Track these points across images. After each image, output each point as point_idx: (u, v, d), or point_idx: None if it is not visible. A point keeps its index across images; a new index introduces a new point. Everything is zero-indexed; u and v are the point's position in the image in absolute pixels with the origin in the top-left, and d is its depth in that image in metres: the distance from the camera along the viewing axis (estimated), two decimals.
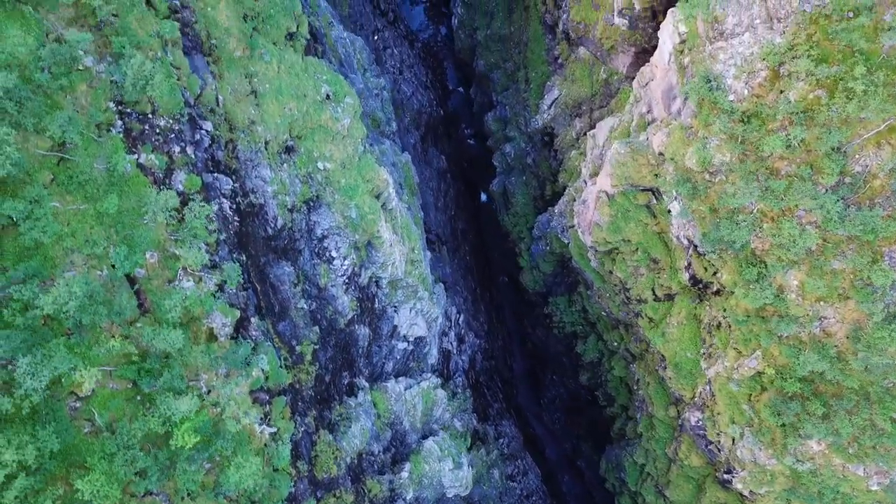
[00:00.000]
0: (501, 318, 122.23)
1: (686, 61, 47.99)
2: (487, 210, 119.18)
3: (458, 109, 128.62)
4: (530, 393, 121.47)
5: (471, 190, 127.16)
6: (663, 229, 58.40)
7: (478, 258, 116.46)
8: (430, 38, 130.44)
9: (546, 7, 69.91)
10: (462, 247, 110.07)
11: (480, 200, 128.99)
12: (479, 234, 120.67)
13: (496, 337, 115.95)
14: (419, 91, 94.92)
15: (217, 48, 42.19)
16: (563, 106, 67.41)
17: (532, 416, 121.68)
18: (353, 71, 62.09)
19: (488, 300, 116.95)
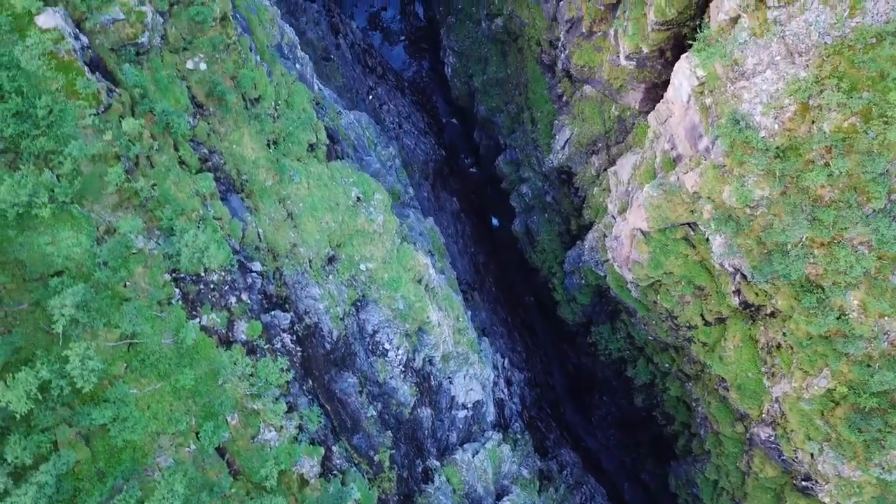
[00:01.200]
0: (535, 338, 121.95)
1: (708, 101, 47.66)
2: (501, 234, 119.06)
3: (455, 141, 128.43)
4: (577, 409, 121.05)
5: (481, 216, 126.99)
6: (704, 257, 58.02)
7: (501, 285, 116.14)
8: (414, 75, 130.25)
9: (541, 48, 69.58)
10: (486, 279, 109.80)
11: (492, 226, 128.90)
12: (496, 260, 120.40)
13: (534, 360, 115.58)
14: (420, 140, 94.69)
15: (248, 182, 41.96)
16: (577, 145, 67.11)
17: (582, 431, 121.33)
18: (367, 152, 61.84)
19: (520, 324, 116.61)
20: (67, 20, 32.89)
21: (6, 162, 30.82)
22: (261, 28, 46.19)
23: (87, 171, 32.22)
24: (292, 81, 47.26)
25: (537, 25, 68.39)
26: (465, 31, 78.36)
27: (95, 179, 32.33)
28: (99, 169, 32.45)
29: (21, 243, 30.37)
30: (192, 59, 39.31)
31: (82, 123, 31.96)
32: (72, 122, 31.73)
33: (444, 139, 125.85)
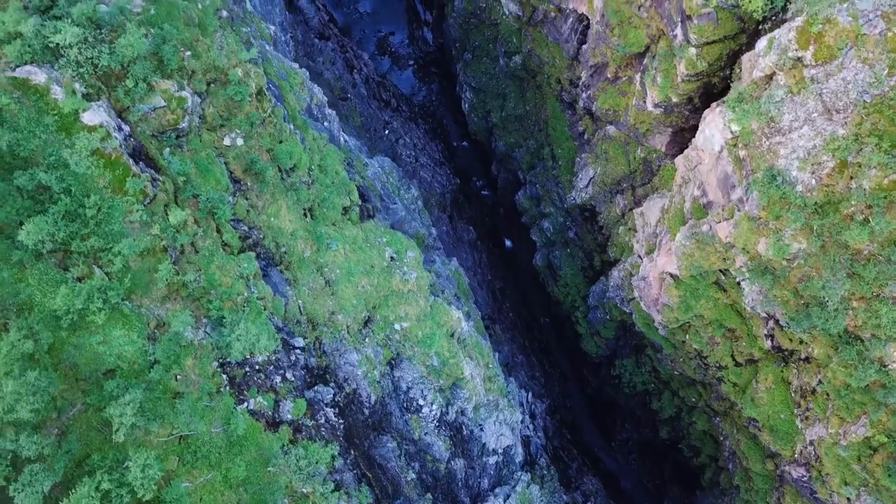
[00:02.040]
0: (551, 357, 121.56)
1: (742, 154, 47.40)
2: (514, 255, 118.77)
3: (466, 164, 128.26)
4: (596, 430, 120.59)
5: (495, 239, 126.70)
6: (735, 301, 57.73)
7: (518, 309, 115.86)
8: (424, 99, 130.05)
9: (561, 86, 69.35)
10: (503, 305, 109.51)
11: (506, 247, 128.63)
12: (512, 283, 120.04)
13: (552, 383, 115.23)
14: (437, 172, 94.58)
15: (287, 254, 41.78)
16: (601, 184, 66.87)
17: (601, 451, 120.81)
18: (393, 200, 61.68)
19: (537, 348, 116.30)
20: (111, 113, 32.77)
21: (56, 262, 30.67)
22: (291, 94, 46.05)
23: (135, 266, 32.04)
24: (324, 144, 47.12)
25: (557, 64, 68.22)
26: (483, 68, 78.20)
27: (144, 274, 32.15)
28: (147, 263, 32.28)
29: (74, 345, 30.19)
30: (229, 136, 39.19)
31: (130, 219, 31.80)
32: (119, 217, 31.59)
33: (456, 163, 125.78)
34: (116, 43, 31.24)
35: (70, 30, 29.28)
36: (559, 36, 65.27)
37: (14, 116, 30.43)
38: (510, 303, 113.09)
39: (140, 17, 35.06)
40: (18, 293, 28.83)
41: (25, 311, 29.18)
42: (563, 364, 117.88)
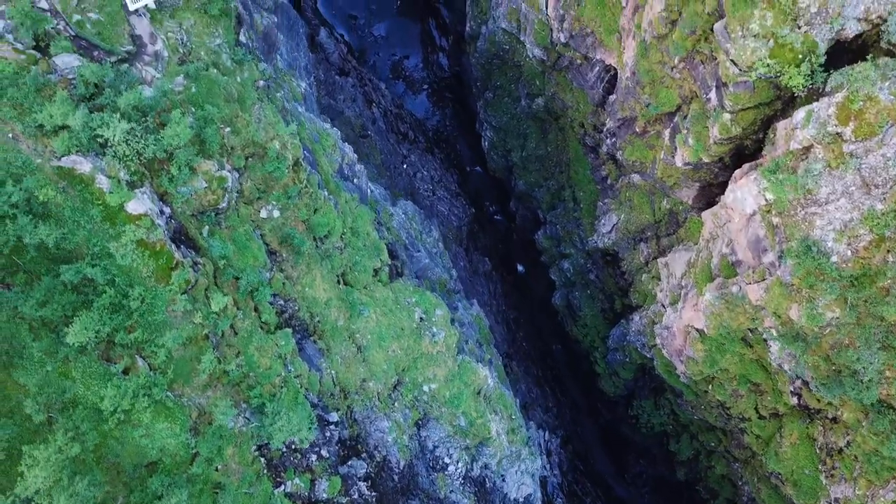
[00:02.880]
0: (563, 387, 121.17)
1: (776, 221, 47.05)
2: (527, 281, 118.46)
3: (479, 188, 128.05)
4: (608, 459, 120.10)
5: (508, 265, 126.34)
6: (761, 356, 57.36)
7: (531, 338, 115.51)
8: (438, 124, 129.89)
9: (584, 130, 69.10)
10: (517, 335, 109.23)
11: (518, 272, 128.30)
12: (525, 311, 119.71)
13: (564, 411, 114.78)
14: (453, 205, 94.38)
15: (321, 323, 41.54)
16: (625, 231, 66.57)
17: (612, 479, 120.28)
18: (416, 247, 61.47)
19: (550, 377, 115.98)
20: (154, 198, 32.56)
21: (99, 353, 30.44)
22: (324, 156, 45.88)
23: (177, 355, 31.79)
24: (355, 206, 46.92)
25: (581, 109, 68.02)
26: (504, 108, 77.98)
27: (186, 363, 31.91)
28: (189, 352, 32.04)
29: (117, 439, 29.96)
30: (265, 208, 38.98)
31: (173, 308, 31.56)
32: (162, 307, 31.34)
33: (469, 187, 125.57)
34: (162, 133, 31.03)
35: (119, 126, 29.08)
36: (584, 82, 65.09)
37: (59, 207, 30.24)
38: (524, 332, 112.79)
39: (182, 97, 34.89)
40: (64, 391, 28.62)
41: (70, 408, 28.97)
42: (575, 393, 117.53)
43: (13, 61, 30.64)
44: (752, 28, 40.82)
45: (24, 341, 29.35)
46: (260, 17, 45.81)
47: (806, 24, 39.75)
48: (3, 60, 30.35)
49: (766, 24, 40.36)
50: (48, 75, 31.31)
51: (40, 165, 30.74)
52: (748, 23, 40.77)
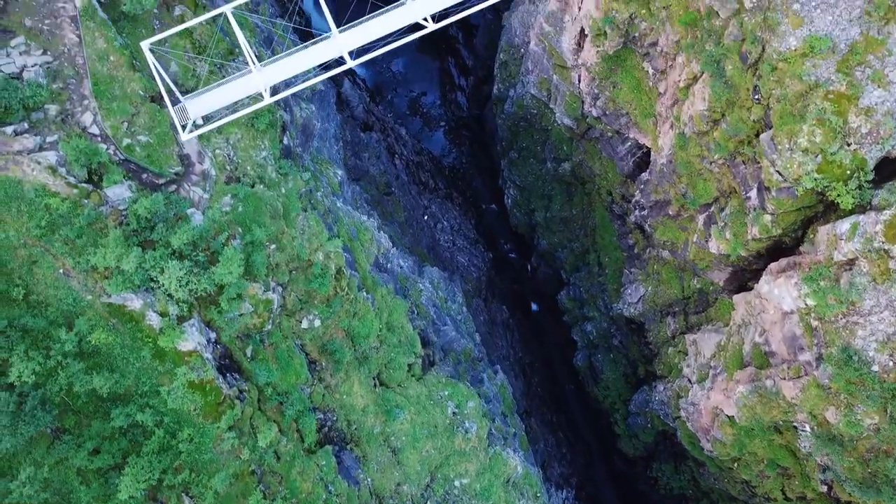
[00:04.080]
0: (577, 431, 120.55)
1: (815, 324, 46.58)
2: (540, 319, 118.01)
3: (495, 228, 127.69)
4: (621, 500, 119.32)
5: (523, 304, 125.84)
6: (790, 441, 56.84)
7: (546, 382, 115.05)
8: (455, 161, 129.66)
9: (612, 198, 68.76)
10: (532, 380, 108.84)
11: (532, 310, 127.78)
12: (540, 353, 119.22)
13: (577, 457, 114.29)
14: (472, 254, 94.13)
15: (358, 429, 41.18)
16: (652, 303, 66.14)
17: None
18: (443, 320, 61.13)
19: (564, 422, 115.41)
20: (202, 329, 32.23)
21: (147, 494, 30.08)
22: (362, 252, 45.58)
23: (224, 492, 31.43)
24: (391, 298, 46.59)
25: (609, 178, 67.70)
26: (528, 168, 77.70)
27: (233, 500, 31.53)
28: (235, 489, 31.67)
29: None
30: (307, 318, 38.65)
31: (220, 446, 31.22)
32: (210, 444, 31.03)
33: (484, 226, 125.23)
34: (214, 269, 30.72)
35: (173, 273, 28.76)
36: (614, 153, 64.76)
37: (109, 347, 29.95)
38: (538, 377, 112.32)
39: (229, 217, 34.61)
40: None
41: None
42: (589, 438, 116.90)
43: (66, 196, 30.38)
44: (799, 142, 40.43)
45: (72, 485, 29.04)
46: (299, 110, 45.59)
47: (856, 143, 39.35)
48: (57, 197, 30.10)
49: (814, 140, 39.97)
50: (100, 208, 31.04)
51: (91, 302, 30.45)
52: (796, 137, 40.37)
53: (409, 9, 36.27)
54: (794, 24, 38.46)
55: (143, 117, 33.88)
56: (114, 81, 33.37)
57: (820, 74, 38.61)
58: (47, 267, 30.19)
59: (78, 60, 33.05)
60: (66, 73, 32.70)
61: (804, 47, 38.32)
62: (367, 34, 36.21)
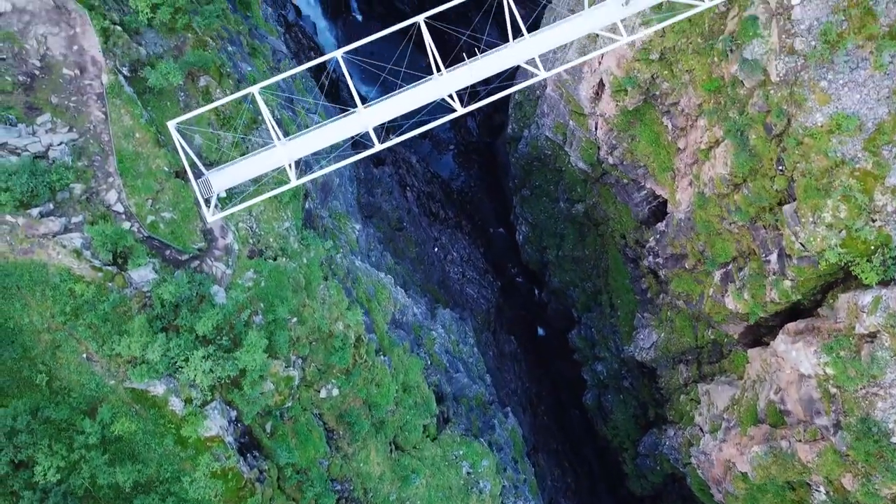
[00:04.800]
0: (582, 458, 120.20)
1: (833, 391, 46.29)
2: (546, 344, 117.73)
3: (503, 252, 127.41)
4: None
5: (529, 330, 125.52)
6: (803, 497, 56.52)
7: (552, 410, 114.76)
8: (463, 185, 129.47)
9: (625, 242, 68.54)
10: (538, 409, 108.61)
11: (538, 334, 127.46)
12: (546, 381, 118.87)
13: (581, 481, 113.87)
14: (482, 285, 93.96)
15: (373, 497, 40.91)
16: (664, 350, 65.89)
17: None
18: (456, 367, 60.97)
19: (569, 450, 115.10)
20: (224, 411, 32.02)
21: None
22: (379, 313, 45.41)
23: None
24: (407, 357, 46.41)
25: (623, 222, 67.49)
26: (541, 206, 77.52)
27: None
28: None
29: None
30: (325, 387, 38.46)
31: None
32: None
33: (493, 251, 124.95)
34: (238, 357, 30.52)
35: (199, 367, 28.58)
36: (629, 199, 64.53)
37: (132, 435, 29.74)
38: (545, 405, 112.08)
39: (251, 293, 34.41)
40: None
41: None
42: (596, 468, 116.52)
43: (91, 280, 30.20)
44: (823, 217, 40.19)
45: None
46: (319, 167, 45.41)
47: (881, 220, 39.09)
48: (81, 282, 29.93)
49: (839, 215, 39.72)
50: (124, 290, 30.85)
51: (114, 387, 30.27)
52: (820, 212, 40.13)
53: (435, 85, 36.07)
54: (820, 101, 38.22)
55: (167, 193, 33.72)
56: (139, 158, 33.21)
57: (846, 152, 38.37)
58: (70, 351, 30.01)
59: (103, 137, 32.89)
60: (91, 151, 32.53)
61: (831, 124, 38.08)
62: (392, 110, 35.99)
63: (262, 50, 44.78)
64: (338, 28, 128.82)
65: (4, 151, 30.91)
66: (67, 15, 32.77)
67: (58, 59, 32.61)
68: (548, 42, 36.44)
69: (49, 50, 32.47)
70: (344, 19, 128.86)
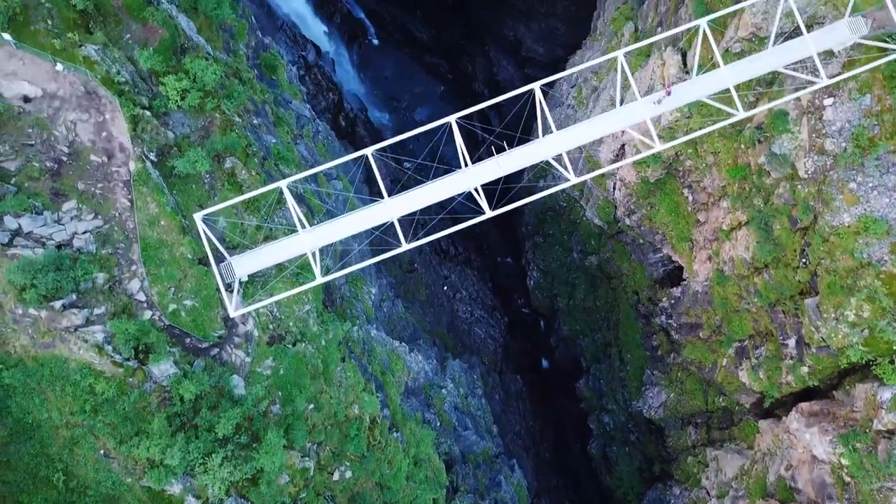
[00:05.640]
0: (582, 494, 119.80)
1: (847, 479, 45.92)
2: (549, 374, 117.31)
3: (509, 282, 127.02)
4: None
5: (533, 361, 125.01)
6: None
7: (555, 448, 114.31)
8: None
9: (638, 298, 68.20)
10: (540, 446, 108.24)
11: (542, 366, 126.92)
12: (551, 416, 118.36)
13: None
14: (490, 324, 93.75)
15: None
16: (673, 411, 65.51)
17: None
18: (465, 424, 60.79)
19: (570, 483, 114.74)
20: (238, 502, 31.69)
21: None
22: (394, 386, 45.09)
23: None
24: (419, 429, 46.09)
25: (637, 279, 67.16)
26: (553, 254, 77.23)
27: None
28: None
29: None
30: (338, 470, 38.10)
31: None
32: None
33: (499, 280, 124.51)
34: (256, 457, 30.24)
35: (218, 474, 28.29)
36: (644, 258, 64.24)
37: None
38: (547, 442, 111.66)
39: (270, 381, 34.15)
40: None
41: None
42: None
43: (112, 376, 29.94)
44: (846, 315, 39.86)
45: None
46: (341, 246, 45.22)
47: None
48: (102, 379, 29.66)
49: (862, 315, 39.40)
50: (144, 385, 30.60)
51: (130, 485, 29.97)
52: (843, 309, 39.81)
53: (462, 177, 35.90)
54: (848, 202, 37.91)
55: (189, 281, 33.45)
56: (163, 246, 32.98)
57: (872, 254, 38.03)
58: (88, 447, 29.75)
59: (128, 225, 32.68)
60: (115, 238, 32.31)
61: (858, 225, 37.75)
62: (418, 201, 35.83)
63: (287, 118, 44.57)
64: (354, 52, 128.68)
65: (30, 241, 30.70)
66: (98, 101, 32.58)
67: (86, 146, 32.43)
68: (576, 139, 36.25)
69: (78, 136, 32.29)
70: (360, 43, 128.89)
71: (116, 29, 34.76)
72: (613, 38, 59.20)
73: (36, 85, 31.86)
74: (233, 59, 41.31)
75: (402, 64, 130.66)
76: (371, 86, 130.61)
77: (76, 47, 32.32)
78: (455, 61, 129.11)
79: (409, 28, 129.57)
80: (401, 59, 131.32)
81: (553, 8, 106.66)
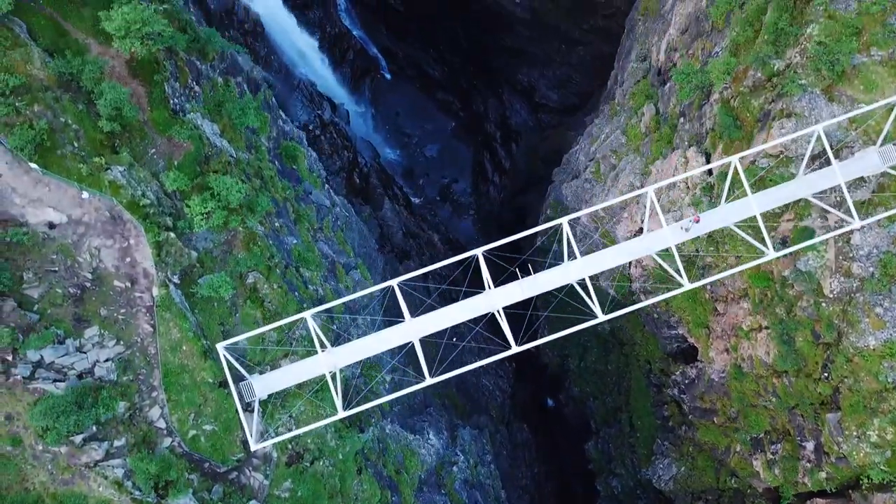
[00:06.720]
0: None
1: None
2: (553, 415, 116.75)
3: None
4: None
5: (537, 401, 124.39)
6: None
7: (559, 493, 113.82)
8: None
9: (650, 367, 67.77)
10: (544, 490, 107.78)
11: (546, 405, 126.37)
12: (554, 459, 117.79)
13: None
14: (498, 375, 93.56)
15: None
16: (684, 485, 65.00)
17: None
18: (476, 500, 60.23)
19: None
20: None
21: None
22: (408, 484, 44.73)
23: None
24: None
25: (649, 349, 66.77)
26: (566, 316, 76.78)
27: None
28: None
29: None
30: None
31: None
32: None
33: None
34: None
35: None
36: (658, 332, 63.86)
37: None
38: (551, 486, 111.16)
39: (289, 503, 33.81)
40: None
41: None
42: None
43: None
44: (868, 435, 39.45)
45: None
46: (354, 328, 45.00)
47: None
48: None
49: (885, 437, 38.98)
50: None
51: None
52: (866, 429, 39.41)
53: (485, 299, 35.65)
54: (874, 325, 37.53)
55: (210, 405, 33.20)
56: (184, 371, 32.73)
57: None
58: None
59: (150, 350, 32.43)
60: (137, 364, 32.07)
61: (883, 349, 37.37)
62: (440, 322, 35.60)
63: (307, 213, 44.33)
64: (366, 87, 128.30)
65: (51, 372, 30.47)
66: (122, 226, 32.38)
67: (109, 271, 32.21)
68: (600, 264, 36.04)
69: (101, 262, 32.07)
70: (373, 77, 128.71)
71: (142, 144, 34.60)
72: (633, 117, 58.87)
73: (61, 211, 31.67)
74: (254, 157, 41.12)
75: (414, 100, 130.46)
76: (382, 121, 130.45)
77: (102, 171, 32.13)
78: (467, 99, 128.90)
79: (421, 65, 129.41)
80: (413, 95, 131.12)
81: (568, 57, 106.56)
